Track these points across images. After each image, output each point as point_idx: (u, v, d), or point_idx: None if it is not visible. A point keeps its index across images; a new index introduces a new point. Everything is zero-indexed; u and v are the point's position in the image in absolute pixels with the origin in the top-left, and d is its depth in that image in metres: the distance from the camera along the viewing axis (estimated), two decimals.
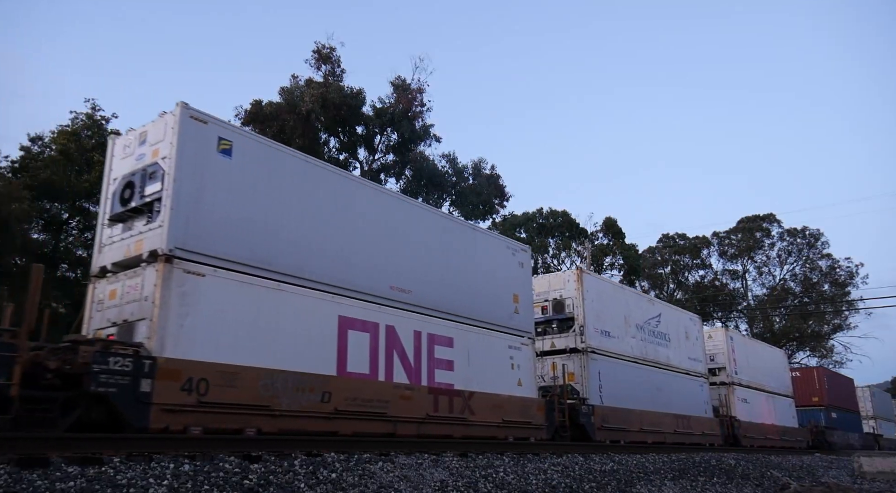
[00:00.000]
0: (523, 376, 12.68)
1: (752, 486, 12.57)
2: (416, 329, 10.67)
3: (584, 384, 14.88)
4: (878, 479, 16.08)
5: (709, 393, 20.67)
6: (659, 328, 18.77)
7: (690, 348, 20.32)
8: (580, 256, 38.53)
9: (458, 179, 33.10)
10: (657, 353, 18.26)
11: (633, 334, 17.35)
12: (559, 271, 16.64)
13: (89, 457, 5.27)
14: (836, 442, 30.03)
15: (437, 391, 10.58)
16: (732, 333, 24.67)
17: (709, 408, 20.31)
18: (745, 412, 22.78)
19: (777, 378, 27.14)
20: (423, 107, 30.96)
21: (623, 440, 15.09)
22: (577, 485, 9.02)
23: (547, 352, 15.53)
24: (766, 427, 24.03)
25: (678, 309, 21.76)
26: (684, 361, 19.65)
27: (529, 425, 12.33)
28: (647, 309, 18.55)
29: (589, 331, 15.51)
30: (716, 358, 22.95)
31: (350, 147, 31.41)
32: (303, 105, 27.48)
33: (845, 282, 52.14)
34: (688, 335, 20.42)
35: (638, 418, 16.12)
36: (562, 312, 15.81)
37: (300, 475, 6.31)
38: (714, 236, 54.86)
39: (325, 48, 29.54)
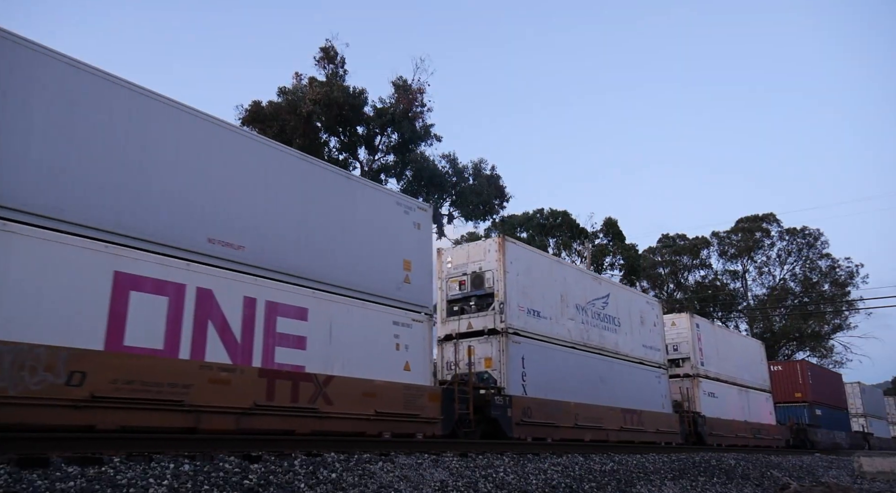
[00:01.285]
0: (413, 360, 10.50)
1: (752, 486, 12.57)
2: (249, 296, 8.39)
3: (502, 371, 12.69)
4: (878, 479, 16.08)
5: (668, 386, 18.57)
6: (606, 311, 16.55)
7: (646, 335, 18.13)
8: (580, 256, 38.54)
9: (459, 179, 33.09)
10: (603, 338, 16.09)
11: (571, 315, 15.02)
12: (481, 240, 14.31)
13: (89, 457, 5.27)
14: (819, 441, 28.25)
15: (273, 375, 8.27)
16: (699, 320, 22.23)
17: (667, 402, 18.17)
18: (712, 407, 20.79)
19: (752, 371, 25.15)
20: (423, 107, 30.97)
21: (551, 438, 13.00)
22: (577, 485, 9.02)
23: (464, 334, 13.45)
24: (737, 424, 21.99)
25: (633, 291, 19.69)
26: (638, 349, 17.54)
27: (417, 418, 10.14)
28: (591, 288, 16.22)
29: (511, 309, 13.20)
30: (679, 348, 20.96)
31: (350, 147, 31.42)
32: (303, 106, 27.49)
33: (845, 282, 52.17)
34: (643, 320, 18.19)
35: (571, 411, 13.82)
36: (481, 287, 13.49)
37: (300, 475, 6.31)
38: (714, 236, 54.89)
39: (331, 48, 29.57)
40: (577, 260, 38.97)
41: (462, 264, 14.05)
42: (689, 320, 21.39)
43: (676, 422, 18.14)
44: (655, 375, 18.10)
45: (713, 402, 20.99)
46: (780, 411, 28.99)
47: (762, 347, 27.90)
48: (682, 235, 55.46)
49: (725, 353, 22.98)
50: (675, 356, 20.79)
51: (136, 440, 6.40)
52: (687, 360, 20.83)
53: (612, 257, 42.92)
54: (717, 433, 20.26)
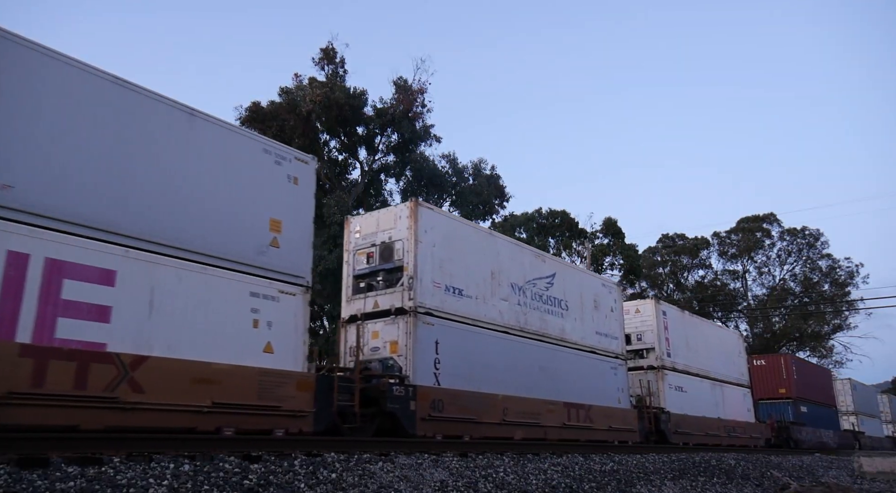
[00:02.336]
0: (279, 340, 8.71)
1: (752, 486, 12.57)
2: (16, 250, 6.51)
3: (408, 357, 10.80)
4: (878, 479, 16.09)
5: (626, 378, 16.74)
6: (551, 293, 14.58)
7: (601, 322, 16.22)
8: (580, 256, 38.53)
9: (459, 179, 33.11)
10: (545, 323, 14.17)
11: (504, 295, 13.14)
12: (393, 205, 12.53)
13: (89, 457, 5.28)
14: (803, 440, 26.59)
15: (45, 354, 6.39)
16: (666, 307, 20.32)
17: (625, 397, 16.40)
18: (680, 402, 19.02)
19: (728, 365, 23.30)
20: (423, 108, 30.98)
21: (469, 435, 11.19)
22: (577, 485, 9.02)
23: (370, 315, 11.68)
24: (708, 422, 20.24)
25: (586, 271, 17.68)
26: (590, 336, 15.65)
27: (277, 411, 8.28)
28: (532, 266, 14.22)
29: (423, 285, 11.32)
30: (643, 337, 19.12)
31: (350, 148, 31.43)
32: (303, 106, 27.49)
33: (845, 282, 52.19)
34: (598, 305, 16.27)
35: (498, 405, 12.01)
36: (390, 260, 11.64)
37: (300, 475, 6.31)
38: (714, 236, 54.91)
39: (331, 49, 29.57)
40: (576, 260, 38.96)
41: (371, 234, 12.08)
42: (655, 307, 19.46)
43: (634, 419, 16.29)
44: (611, 366, 16.27)
45: (681, 397, 19.26)
46: (763, 408, 27.75)
47: (741, 339, 26.21)
48: (681, 235, 55.48)
49: (697, 344, 21.21)
50: (639, 347, 19.09)
51: (136, 440, 6.40)
52: (652, 351, 18.94)
53: (612, 257, 42.93)
54: (684, 431, 18.53)
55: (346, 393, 9.47)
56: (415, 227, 11.48)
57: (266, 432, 8.14)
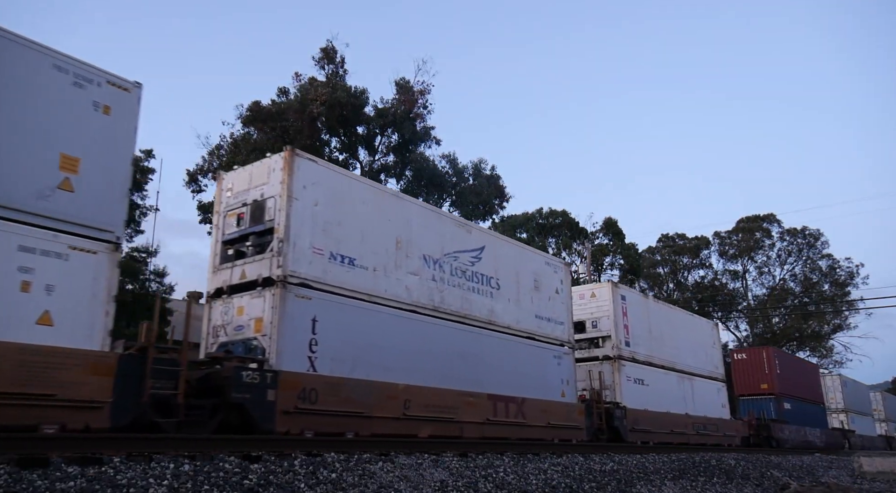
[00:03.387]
0: (63, 309, 6.87)
1: (752, 486, 12.57)
2: None
3: (273, 337, 8.93)
4: (878, 479, 16.09)
5: (572, 369, 14.91)
6: (478, 269, 12.82)
7: (543, 304, 14.42)
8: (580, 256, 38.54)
9: (459, 179, 33.13)
10: (469, 303, 12.37)
11: (414, 269, 11.34)
12: (267, 157, 10.39)
13: (89, 457, 5.28)
14: (785, 438, 24.82)
15: None
16: (626, 291, 18.60)
17: (571, 389, 14.60)
18: (640, 396, 17.23)
19: (700, 356, 21.48)
20: (425, 109, 30.99)
21: (356, 432, 9.31)
22: (577, 485, 9.02)
23: (236, 287, 9.74)
24: (674, 418, 18.45)
25: (524, 247, 15.53)
26: (527, 320, 13.85)
27: (49, 401, 6.41)
28: (453, 237, 12.46)
29: (298, 251, 9.47)
30: (599, 324, 17.36)
31: (351, 147, 31.44)
32: (313, 105, 27.41)
33: (845, 282, 52.24)
34: (539, 286, 14.41)
35: (397, 396, 10.09)
36: (260, 221, 9.75)
37: (300, 475, 6.31)
38: (714, 236, 54.95)
39: (331, 48, 29.57)
40: (577, 260, 38.86)
41: (243, 192, 10.20)
42: (612, 291, 17.66)
43: (580, 414, 14.42)
44: (554, 354, 14.44)
45: (641, 391, 17.43)
46: (744, 405, 26.63)
47: (715, 329, 24.06)
48: (681, 235, 55.51)
49: (663, 333, 19.42)
50: (594, 335, 17.34)
51: (136, 440, 6.40)
52: (608, 339, 17.12)
53: (612, 257, 42.96)
54: (643, 428, 16.71)
55: (166, 379, 7.51)
56: (289, 181, 9.55)
57: (31, 428, 6.23)
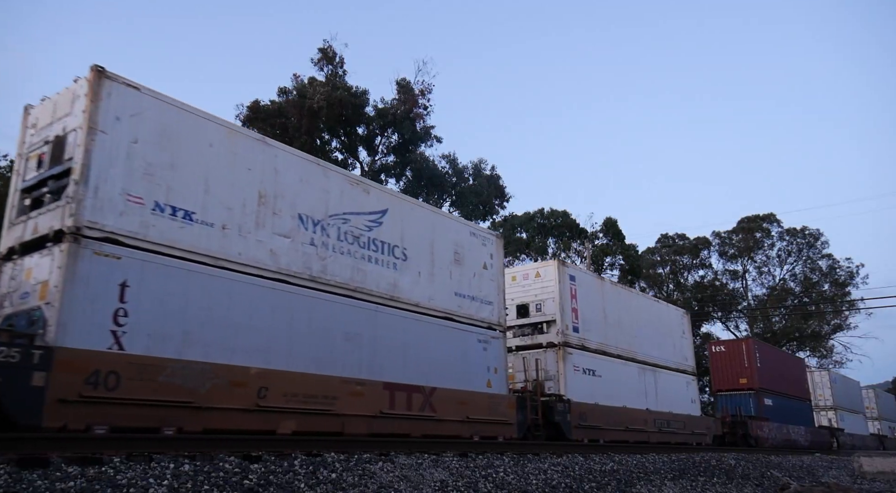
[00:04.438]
0: None
1: (752, 486, 12.57)
2: None
3: (57, 305, 6.96)
4: (878, 479, 16.08)
5: (502, 355, 12.99)
6: (377, 235, 10.92)
7: (466, 280, 12.58)
8: (580, 256, 38.53)
9: (459, 179, 33.14)
10: (362, 275, 10.42)
11: (284, 229, 9.42)
12: (74, 82, 8.04)
13: (89, 457, 5.28)
14: (765, 437, 23.07)
15: None
16: (575, 271, 16.71)
17: (499, 379, 12.73)
18: (590, 389, 15.41)
19: (666, 346, 19.68)
20: (425, 109, 31.00)
21: (179, 427, 7.37)
22: (577, 485, 9.02)
23: (29, 245, 7.82)
24: (631, 413, 16.59)
25: (442, 214, 13.51)
26: (443, 297, 11.98)
27: None
28: (345, 196, 10.50)
29: (103, 196, 7.55)
30: (543, 306, 15.49)
31: (351, 147, 31.44)
32: (314, 102, 27.40)
33: (845, 282, 52.25)
34: (461, 259, 12.57)
35: (249, 383, 8.20)
36: (60, 161, 7.80)
37: (300, 475, 6.31)
38: (714, 236, 54.94)
39: (330, 49, 29.59)
40: (576, 260, 38.81)
41: (46, 127, 8.28)
42: (558, 270, 15.63)
43: (510, 407, 12.55)
44: (479, 338, 12.57)
45: (592, 382, 15.64)
46: (722, 401, 25.19)
47: (686, 317, 21.92)
48: (682, 236, 55.51)
49: (621, 319, 17.69)
50: (538, 319, 15.49)
51: (136, 440, 6.40)
52: (552, 324, 15.22)
53: (613, 257, 42.94)
54: (592, 425, 14.87)
55: None
56: (93, 110, 7.61)
57: None
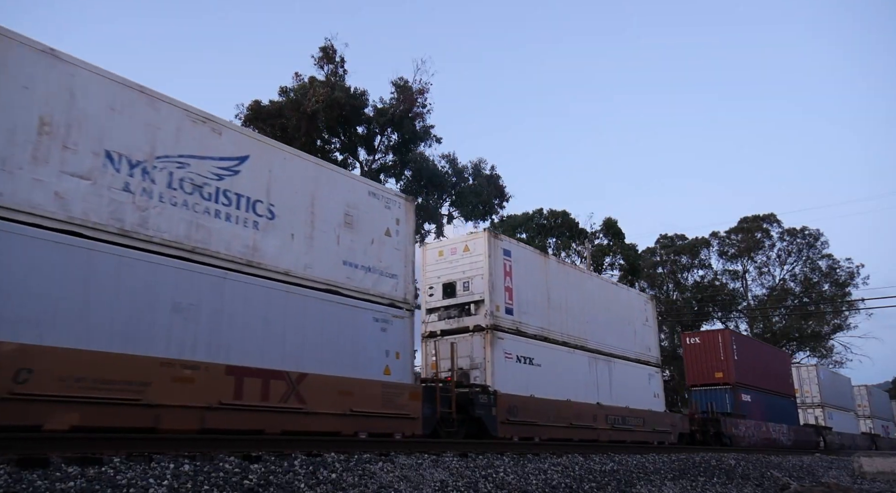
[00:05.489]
0: None
1: (752, 486, 12.57)
2: None
3: None
4: (878, 479, 16.08)
5: (407, 337, 11.10)
6: (232, 186, 8.97)
7: (361, 248, 10.68)
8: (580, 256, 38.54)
9: (458, 179, 33.14)
10: (204, 233, 8.47)
11: (82, 169, 7.47)
12: None
13: (89, 457, 5.28)
14: (740, 435, 21.52)
15: None
16: (512, 244, 14.59)
17: (403, 365, 10.83)
18: (527, 380, 13.64)
19: (626, 335, 17.99)
20: (424, 108, 31.01)
21: None
22: (577, 485, 9.02)
23: None
24: (576, 408, 14.65)
25: (328, 166, 10.90)
26: (327, 267, 10.00)
27: None
28: (183, 134, 8.56)
29: None
30: (471, 284, 13.57)
31: (351, 147, 31.46)
32: (309, 104, 27.44)
33: (845, 282, 52.29)
34: (353, 223, 10.65)
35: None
36: None
37: (300, 475, 6.31)
38: (714, 237, 54.98)
39: (330, 48, 29.59)
40: (576, 260, 38.80)
41: None
42: (489, 243, 13.63)
43: (412, 399, 10.70)
44: (376, 317, 10.70)
45: (529, 372, 13.83)
46: (697, 396, 23.78)
47: (650, 303, 19.97)
48: (681, 236, 55.57)
49: (569, 302, 15.76)
50: (465, 299, 13.59)
51: (136, 440, 6.40)
52: (481, 304, 13.37)
53: (612, 257, 42.97)
54: (526, 420, 13.06)
55: None
56: None
57: None
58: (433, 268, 14.19)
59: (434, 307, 14.03)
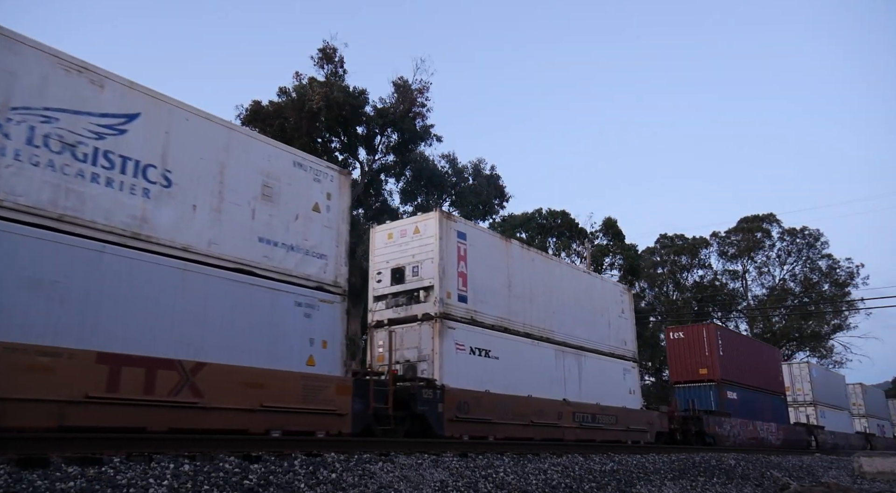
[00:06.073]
0: None
1: (752, 486, 12.57)
2: None
3: None
4: (878, 479, 16.09)
5: (336, 325, 9.90)
6: (115, 147, 7.83)
7: (282, 224, 9.53)
8: (580, 256, 38.54)
9: (458, 179, 33.16)
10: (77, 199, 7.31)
11: None
12: None
13: (89, 457, 5.28)
14: (724, 435, 20.53)
15: None
16: (468, 226, 13.55)
17: (331, 355, 9.72)
18: (483, 374, 12.54)
19: (599, 327, 16.86)
20: (423, 107, 31.00)
21: None
22: (577, 485, 9.02)
23: None
24: (538, 404, 13.40)
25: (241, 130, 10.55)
26: (233, 243, 8.82)
27: None
28: (51, 84, 7.34)
29: None
30: (420, 269, 12.48)
31: (350, 147, 31.46)
32: (312, 103, 27.40)
33: (845, 282, 52.29)
34: (273, 195, 9.47)
35: None
36: None
37: (300, 475, 6.31)
38: (713, 237, 55.00)
39: (330, 48, 29.58)
40: (576, 260, 38.83)
41: None
42: (440, 224, 12.54)
43: (344, 393, 9.44)
44: (298, 300, 9.49)
45: (486, 365, 12.75)
46: (680, 394, 22.76)
47: (627, 294, 18.80)
48: (681, 236, 55.57)
49: (532, 290, 14.67)
50: (414, 285, 12.49)
51: (136, 440, 6.40)
52: (430, 291, 12.28)
53: (612, 257, 42.97)
54: (479, 418, 11.88)
55: None
56: None
57: None
58: (382, 252, 13.15)
59: (382, 295, 12.93)
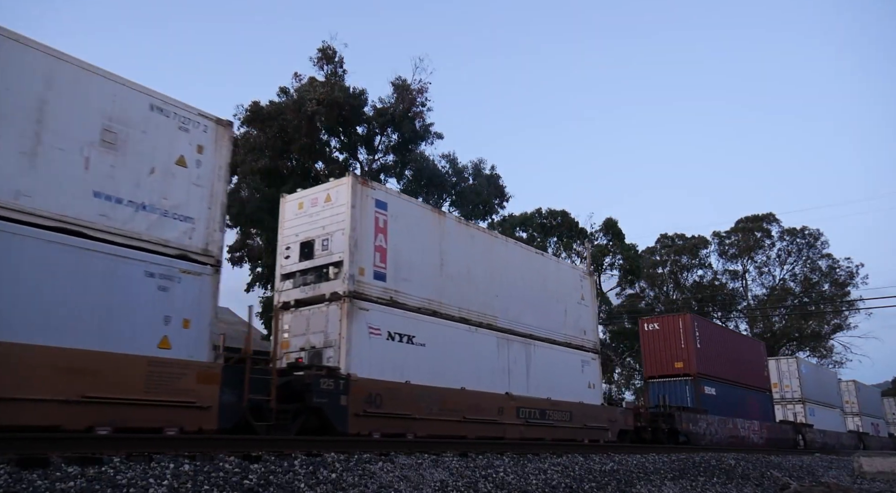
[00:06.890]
0: None
1: (752, 486, 12.56)
2: None
3: None
4: (878, 479, 16.08)
5: (203, 301, 8.28)
6: None
7: (120, 177, 7.85)
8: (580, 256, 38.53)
9: (458, 179, 33.14)
10: None
11: None
12: None
13: (89, 457, 5.28)
14: (701, 433, 19.16)
15: None
16: (389, 195, 11.96)
17: (192, 338, 8.06)
18: (401, 361, 11.03)
19: (553, 314, 15.34)
20: (423, 106, 30.98)
21: None
22: (577, 485, 9.02)
23: None
24: (472, 398, 11.98)
25: (70, 60, 7.64)
26: (56, 198, 7.22)
27: None
28: None
29: None
30: (330, 242, 10.94)
31: (351, 147, 31.44)
32: (309, 105, 27.41)
33: (845, 282, 52.30)
34: (116, 142, 7.85)
35: None
36: None
37: (300, 475, 6.31)
38: (714, 236, 55.01)
39: (329, 48, 29.56)
40: (576, 260, 38.86)
41: None
42: (353, 191, 11.02)
43: (210, 382, 7.87)
44: (149, 270, 7.82)
45: (408, 353, 11.26)
46: (654, 389, 21.29)
47: (588, 279, 17.26)
48: (681, 236, 55.54)
49: (470, 270, 13.18)
50: (323, 261, 10.96)
51: (136, 440, 6.40)
52: (341, 267, 10.70)
53: (612, 257, 42.95)
54: (394, 412, 10.40)
55: None
56: None
57: None
58: (291, 224, 11.74)
59: (290, 273, 11.47)
